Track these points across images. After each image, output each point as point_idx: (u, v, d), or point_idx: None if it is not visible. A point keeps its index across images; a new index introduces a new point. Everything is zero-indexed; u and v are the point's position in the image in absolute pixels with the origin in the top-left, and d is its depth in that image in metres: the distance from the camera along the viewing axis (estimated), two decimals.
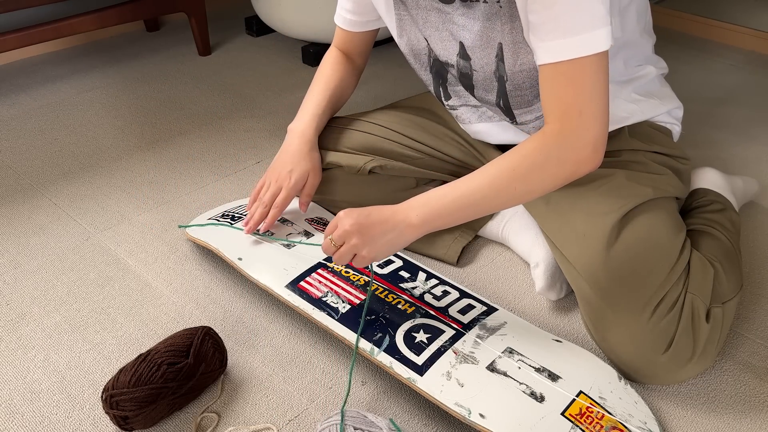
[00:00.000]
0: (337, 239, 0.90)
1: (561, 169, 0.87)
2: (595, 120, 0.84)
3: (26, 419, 0.91)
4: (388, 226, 0.89)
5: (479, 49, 0.96)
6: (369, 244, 0.89)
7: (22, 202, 1.37)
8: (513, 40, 0.92)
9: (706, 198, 1.16)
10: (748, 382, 0.97)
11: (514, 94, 0.99)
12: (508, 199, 0.89)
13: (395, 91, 1.84)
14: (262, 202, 1.09)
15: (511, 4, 0.88)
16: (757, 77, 1.91)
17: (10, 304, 1.11)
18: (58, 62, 2.02)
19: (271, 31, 2.21)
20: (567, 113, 0.84)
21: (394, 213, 0.90)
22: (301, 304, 0.99)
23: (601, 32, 0.81)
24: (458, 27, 0.97)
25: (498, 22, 0.92)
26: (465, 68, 1.01)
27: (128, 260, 1.21)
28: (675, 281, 0.91)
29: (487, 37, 0.94)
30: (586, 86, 0.83)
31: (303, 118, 1.14)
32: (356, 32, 1.16)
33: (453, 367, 0.89)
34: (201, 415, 0.91)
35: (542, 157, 0.87)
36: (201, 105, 1.77)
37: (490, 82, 1.00)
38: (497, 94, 1.01)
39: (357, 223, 0.89)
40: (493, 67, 0.97)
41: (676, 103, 1.11)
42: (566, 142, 0.85)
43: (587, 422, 0.83)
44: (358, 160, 1.15)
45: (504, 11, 0.90)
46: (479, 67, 0.99)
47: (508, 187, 0.88)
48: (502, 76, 0.97)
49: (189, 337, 0.92)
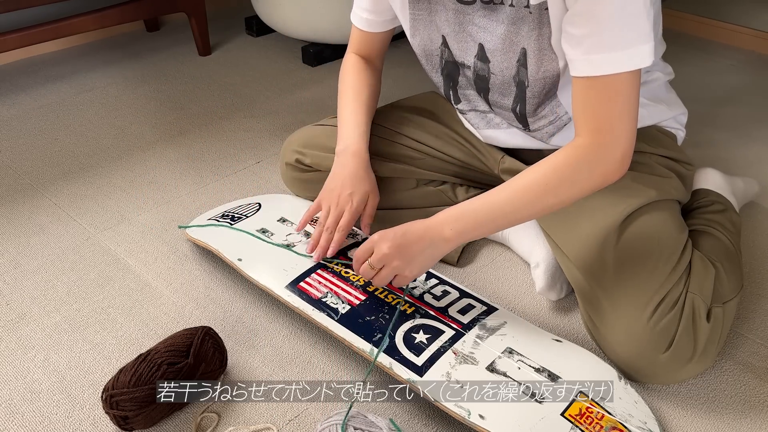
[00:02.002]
0: (376, 263, 0.92)
1: (591, 181, 0.88)
2: (625, 135, 0.85)
3: (26, 419, 0.91)
4: (424, 243, 0.91)
5: (500, 52, 0.95)
6: (409, 264, 0.91)
7: (22, 202, 1.37)
8: (539, 46, 0.91)
9: (708, 198, 1.16)
10: (748, 382, 0.97)
11: (532, 101, 0.98)
12: (538, 211, 0.90)
13: (395, 91, 1.84)
14: (326, 229, 1.05)
15: (542, 12, 0.87)
16: (758, 77, 1.91)
17: (10, 304, 1.11)
18: (58, 62, 2.02)
19: (271, 31, 2.21)
20: (601, 129, 0.85)
21: (428, 228, 0.91)
22: (300, 305, 0.99)
23: (644, 48, 0.81)
24: (478, 28, 0.96)
25: (524, 27, 0.91)
26: (482, 71, 1.00)
27: (128, 260, 1.21)
28: (676, 281, 0.91)
29: (510, 41, 0.93)
30: (621, 102, 0.83)
31: (351, 138, 1.09)
32: (375, 33, 1.14)
33: (453, 367, 0.89)
34: (201, 415, 0.91)
35: (573, 171, 0.87)
36: (201, 105, 1.77)
37: (508, 87, 0.99)
38: (514, 99, 1.00)
39: (395, 245, 0.90)
40: (513, 72, 0.96)
41: (682, 108, 1.12)
42: (597, 156, 0.86)
43: (587, 422, 0.83)
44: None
45: (533, 17, 0.88)
46: (498, 70, 0.98)
47: (539, 199, 0.88)
48: (522, 81, 0.96)
49: (189, 337, 0.92)
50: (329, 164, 1.16)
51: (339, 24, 1.89)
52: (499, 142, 1.13)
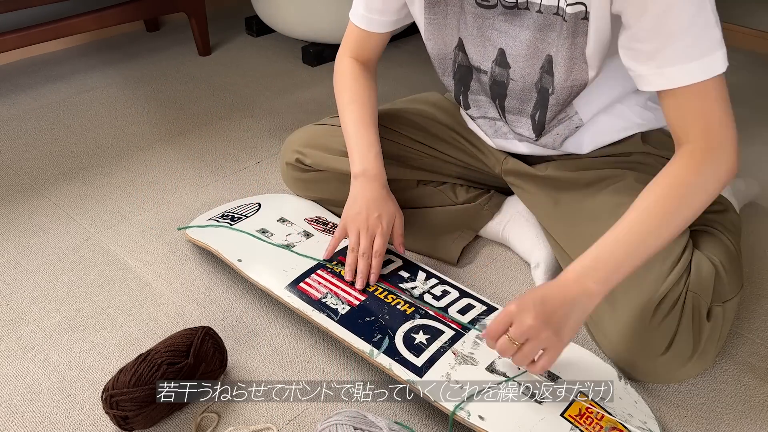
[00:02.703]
0: (519, 336, 0.80)
1: (717, 182, 0.83)
2: (732, 128, 0.83)
3: (26, 419, 0.91)
4: (568, 306, 0.80)
5: (523, 58, 0.94)
6: (559, 333, 0.80)
7: (22, 202, 1.37)
8: (570, 55, 0.89)
9: None
10: (748, 382, 0.97)
11: (555, 108, 0.97)
12: (674, 229, 0.83)
13: (396, 91, 1.84)
14: (362, 255, 1.02)
15: (578, 21, 0.86)
16: (758, 77, 1.91)
17: (10, 304, 1.11)
18: (58, 62, 2.02)
19: (271, 31, 2.21)
20: (709, 128, 0.82)
21: (567, 288, 0.81)
22: (300, 306, 0.99)
23: (717, 55, 0.79)
24: (498, 33, 0.94)
25: (552, 34, 0.89)
26: (500, 76, 0.98)
27: (128, 260, 1.21)
28: (676, 280, 0.91)
29: (535, 48, 0.92)
30: (719, 99, 0.81)
31: (367, 160, 1.06)
32: (377, 33, 1.10)
33: (452, 368, 0.89)
34: (201, 415, 0.91)
35: (700, 175, 0.83)
36: (201, 105, 1.77)
37: (528, 93, 0.98)
38: (534, 106, 0.99)
39: (540, 313, 0.79)
40: (536, 78, 0.95)
41: None
42: (716, 154, 0.83)
43: (587, 423, 0.83)
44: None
45: (567, 26, 0.87)
46: (519, 76, 0.96)
47: (674, 216, 0.82)
48: (546, 88, 0.95)
49: (189, 337, 0.92)
50: (329, 164, 1.16)
51: (339, 24, 1.89)
52: (509, 149, 1.13)
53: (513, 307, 0.80)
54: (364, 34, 1.11)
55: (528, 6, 0.90)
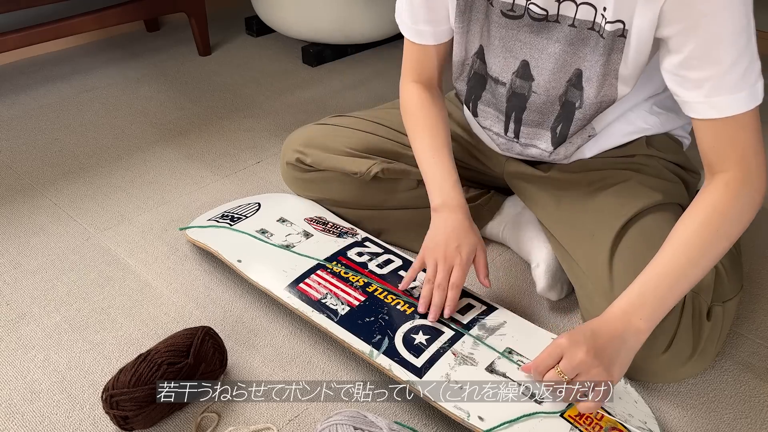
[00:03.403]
0: (570, 371, 0.79)
1: (752, 212, 0.84)
2: (764, 156, 0.84)
3: (26, 419, 0.91)
4: (618, 342, 0.80)
5: (550, 71, 0.93)
6: (610, 369, 0.79)
7: (22, 202, 1.37)
8: (603, 72, 0.89)
9: None
10: (748, 382, 0.97)
11: (579, 123, 0.97)
12: (712, 258, 0.84)
13: (396, 91, 1.83)
14: (438, 286, 0.96)
15: (615, 39, 0.85)
16: None
17: (10, 304, 1.11)
18: (58, 62, 2.02)
19: (271, 31, 2.21)
20: (745, 157, 0.83)
21: (616, 324, 0.81)
22: (300, 306, 0.99)
23: (759, 85, 0.80)
24: (522, 44, 0.93)
25: (585, 49, 0.88)
26: (521, 88, 0.97)
27: (128, 260, 1.21)
28: None
29: (564, 61, 0.91)
30: (756, 128, 0.82)
31: (446, 192, 1.01)
32: (436, 45, 1.03)
33: (452, 368, 0.89)
34: (201, 415, 0.91)
35: (736, 207, 0.83)
36: (201, 105, 1.77)
37: (550, 106, 0.97)
38: (557, 119, 0.98)
39: (591, 347, 0.78)
40: (561, 91, 0.94)
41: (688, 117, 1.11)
42: (751, 184, 0.83)
43: (586, 423, 0.83)
44: (360, 165, 1.14)
45: (605, 43, 0.86)
46: (543, 89, 0.95)
47: (710, 247, 0.83)
48: (572, 102, 0.94)
49: (189, 337, 0.92)
50: (330, 164, 1.16)
51: (339, 24, 1.89)
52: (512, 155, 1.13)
53: (564, 341, 0.80)
54: (419, 50, 1.05)
55: (558, 19, 0.88)
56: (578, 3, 0.86)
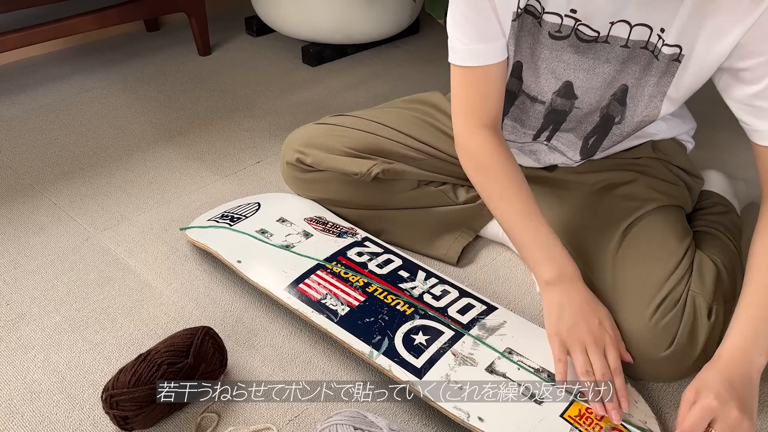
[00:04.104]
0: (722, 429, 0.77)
1: None
2: None
3: (26, 419, 0.91)
4: (749, 386, 0.80)
5: (596, 90, 0.91)
6: (751, 416, 0.79)
7: (22, 202, 1.37)
8: (652, 93, 0.89)
9: (710, 200, 1.17)
10: None
11: (615, 138, 0.97)
12: None
13: (396, 91, 1.84)
14: (603, 376, 0.84)
15: (671, 62, 0.84)
16: None
17: (10, 304, 1.11)
18: (58, 62, 2.02)
19: (271, 31, 2.21)
20: None
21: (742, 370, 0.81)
22: (300, 307, 0.99)
23: None
24: (566, 65, 0.91)
25: (634, 67, 0.88)
26: (562, 106, 0.96)
27: (128, 260, 1.21)
28: (678, 280, 0.92)
29: (612, 78, 0.90)
30: None
31: (557, 258, 0.91)
32: (492, 64, 0.92)
33: (452, 369, 0.89)
34: (201, 415, 0.91)
35: None
36: (201, 105, 1.77)
37: (590, 116, 0.96)
38: (593, 130, 0.98)
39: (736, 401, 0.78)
40: (604, 104, 0.94)
41: (693, 122, 1.14)
42: None
43: (586, 423, 0.83)
44: (361, 166, 1.14)
45: (659, 65, 0.86)
46: (586, 105, 0.94)
47: None
48: (612, 116, 0.94)
49: (189, 337, 0.92)
50: (330, 164, 1.16)
51: (339, 24, 1.89)
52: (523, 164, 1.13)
53: (713, 403, 0.77)
54: (478, 76, 0.93)
55: (608, 40, 0.87)
56: (632, 24, 0.85)
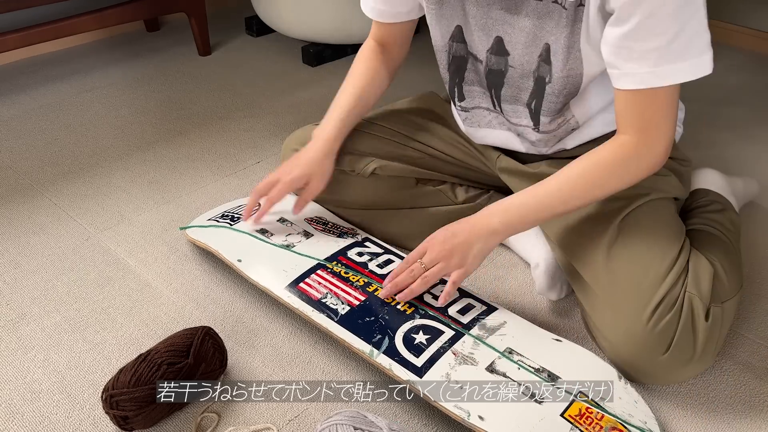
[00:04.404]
0: (429, 262, 0.95)
1: (636, 175, 0.92)
2: (668, 132, 0.89)
3: (26, 419, 0.91)
4: (474, 236, 0.94)
5: (522, 45, 0.95)
6: (464, 260, 0.94)
7: (22, 202, 1.37)
8: (568, 44, 0.90)
9: (707, 198, 1.16)
10: (748, 382, 0.97)
11: (550, 99, 0.97)
12: (582, 203, 0.94)
13: (395, 91, 1.83)
14: (255, 191, 1.10)
15: (576, 9, 0.87)
16: (758, 77, 1.91)
17: (10, 304, 1.11)
18: (58, 62, 2.02)
19: (271, 31, 2.21)
20: (647, 128, 0.88)
21: (476, 222, 0.95)
22: (300, 306, 0.99)
23: (707, 57, 0.83)
24: (495, 21, 0.96)
25: (550, 23, 0.90)
26: (497, 64, 1.00)
27: (128, 260, 1.21)
28: (674, 281, 0.91)
29: (534, 35, 0.93)
30: (668, 104, 0.86)
31: (327, 123, 1.12)
32: (387, 23, 1.11)
33: (452, 368, 0.89)
34: (201, 415, 0.91)
35: (621, 167, 0.91)
36: (201, 105, 1.77)
37: (525, 81, 0.99)
38: (531, 95, 1.00)
39: (448, 243, 0.94)
40: (534, 66, 0.96)
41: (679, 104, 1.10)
42: (643, 152, 0.89)
43: (587, 423, 0.83)
44: (358, 162, 1.14)
45: (567, 14, 0.88)
46: (518, 64, 0.97)
47: (586, 193, 0.92)
48: (543, 77, 0.96)
49: (189, 337, 0.92)
50: None
51: (339, 24, 1.89)
52: (495, 142, 1.13)
53: (427, 241, 0.96)
54: (377, 24, 1.12)
55: None
56: None
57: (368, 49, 1.15)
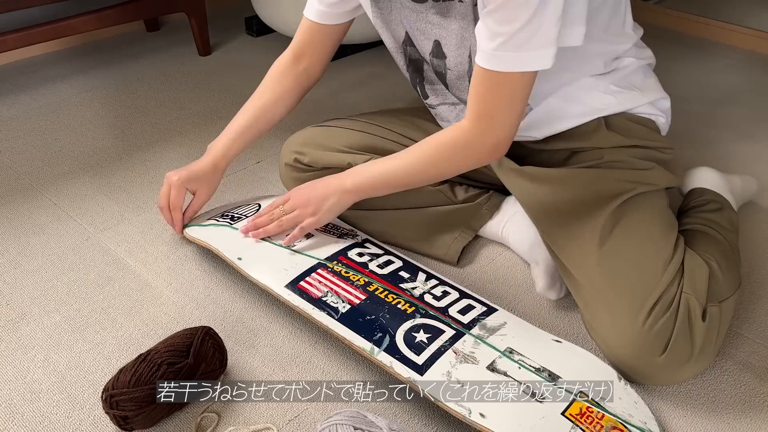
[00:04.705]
0: (288, 208, 1.07)
1: (464, 161, 0.99)
2: (503, 126, 0.93)
3: (26, 419, 0.91)
4: (329, 191, 1.04)
5: (455, 48, 0.98)
6: (318, 209, 1.05)
7: (22, 202, 1.37)
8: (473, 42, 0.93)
9: (703, 197, 1.16)
10: (748, 382, 0.97)
11: None
12: (426, 180, 1.04)
13: (395, 91, 1.84)
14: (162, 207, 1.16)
15: (474, 9, 0.90)
16: (757, 77, 1.91)
17: (10, 304, 1.11)
18: (58, 62, 2.02)
19: (271, 31, 2.21)
20: (482, 116, 0.92)
21: (335, 179, 1.04)
22: (301, 304, 0.99)
23: (547, 52, 0.85)
24: (432, 26, 0.98)
25: (471, 24, 0.93)
26: (439, 66, 1.02)
27: (128, 260, 1.21)
28: (669, 282, 0.91)
29: (461, 37, 0.96)
30: (507, 96, 0.89)
31: (221, 138, 1.18)
32: (323, 25, 1.12)
33: (453, 366, 0.89)
34: (201, 415, 0.91)
35: (452, 150, 0.97)
36: (201, 105, 1.77)
37: (462, 82, 1.01)
38: None
39: (306, 194, 1.06)
40: (467, 67, 0.98)
41: (661, 94, 1.07)
42: (474, 139, 0.95)
43: (587, 422, 0.83)
44: (356, 160, 1.15)
45: (471, 13, 0.92)
46: (453, 65, 1.00)
47: (427, 172, 1.01)
48: None
49: (189, 337, 0.92)
50: (327, 161, 1.16)
51: None
52: None
53: (293, 189, 1.08)
54: (311, 27, 1.13)
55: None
56: None
57: (283, 65, 1.17)
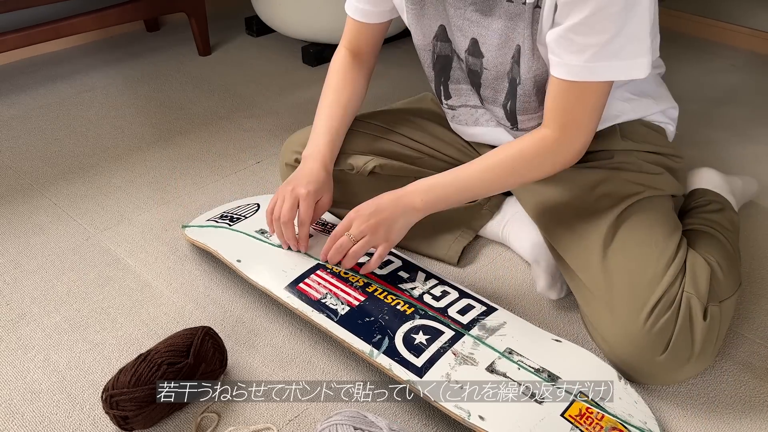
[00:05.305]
0: (357, 235, 0.97)
1: (552, 168, 0.97)
2: (588, 131, 0.93)
3: (26, 419, 0.91)
4: (398, 213, 0.98)
5: (496, 48, 0.96)
6: (388, 234, 0.98)
7: (22, 202, 1.37)
8: (531, 45, 0.92)
9: (704, 198, 1.16)
10: (748, 382, 0.97)
11: (523, 99, 0.99)
12: (501, 188, 1.00)
13: (395, 91, 1.84)
14: (281, 221, 1.03)
15: (534, 11, 0.89)
16: (757, 77, 1.91)
17: (10, 304, 1.11)
18: (58, 62, 2.02)
19: (271, 31, 2.21)
20: (568, 125, 0.92)
21: (400, 199, 0.98)
22: (300, 306, 0.99)
23: (643, 61, 0.86)
24: (470, 23, 0.97)
25: (521, 24, 0.92)
26: (474, 65, 1.01)
27: (128, 260, 1.21)
28: (671, 281, 0.91)
29: (507, 37, 0.95)
30: (593, 103, 0.90)
31: (319, 145, 1.09)
32: (369, 24, 1.12)
33: (452, 368, 0.89)
34: (201, 415, 0.91)
35: (539, 158, 0.95)
36: (201, 105, 1.77)
37: (500, 83, 1.00)
38: (506, 96, 1.01)
39: (374, 218, 0.97)
40: (508, 68, 0.98)
41: (671, 103, 1.11)
42: (562, 147, 0.94)
43: (587, 423, 0.83)
44: (357, 161, 1.15)
45: (527, 14, 0.90)
46: (492, 65, 0.99)
47: (503, 179, 0.98)
48: (515, 78, 0.98)
49: (189, 337, 0.92)
50: None
51: (339, 24, 1.88)
52: (485, 140, 1.13)
53: (352, 213, 0.98)
54: (358, 26, 1.13)
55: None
56: None
57: (343, 61, 1.15)
